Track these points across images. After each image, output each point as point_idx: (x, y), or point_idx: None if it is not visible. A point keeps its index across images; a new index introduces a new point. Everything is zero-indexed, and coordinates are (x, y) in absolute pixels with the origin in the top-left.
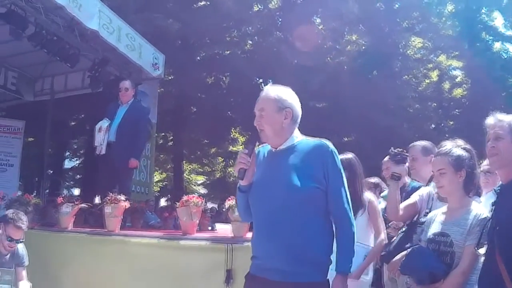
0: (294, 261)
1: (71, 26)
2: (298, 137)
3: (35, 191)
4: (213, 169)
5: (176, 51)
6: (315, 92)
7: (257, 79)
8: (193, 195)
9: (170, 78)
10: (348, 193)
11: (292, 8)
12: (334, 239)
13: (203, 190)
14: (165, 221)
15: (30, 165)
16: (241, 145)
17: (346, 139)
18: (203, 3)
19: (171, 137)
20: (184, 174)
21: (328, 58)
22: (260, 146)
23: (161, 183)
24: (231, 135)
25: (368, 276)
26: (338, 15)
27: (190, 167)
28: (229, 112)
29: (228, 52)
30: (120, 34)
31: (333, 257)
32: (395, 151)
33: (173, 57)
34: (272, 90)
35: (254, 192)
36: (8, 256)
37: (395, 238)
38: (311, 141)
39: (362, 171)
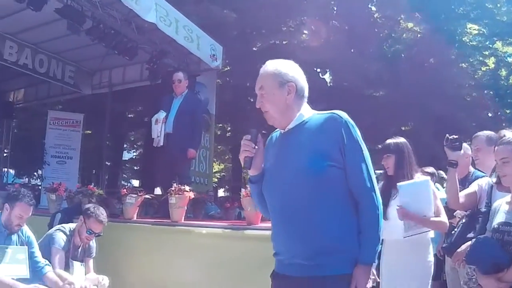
0: (314, 253)
1: (128, 19)
2: (307, 114)
3: (93, 183)
4: None
5: (232, 42)
6: (373, 81)
7: (315, 68)
8: None
9: (227, 69)
10: (371, 169)
11: None
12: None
13: None
14: (226, 211)
15: (88, 157)
16: None
17: (404, 128)
18: None
19: (229, 128)
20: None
21: (385, 47)
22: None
23: (219, 174)
24: None
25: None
26: (394, 2)
27: None
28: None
29: (284, 42)
30: (178, 26)
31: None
32: (451, 137)
33: (229, 48)
34: (271, 65)
35: (265, 182)
36: (80, 248)
37: (456, 229)
38: (323, 114)
39: (412, 154)
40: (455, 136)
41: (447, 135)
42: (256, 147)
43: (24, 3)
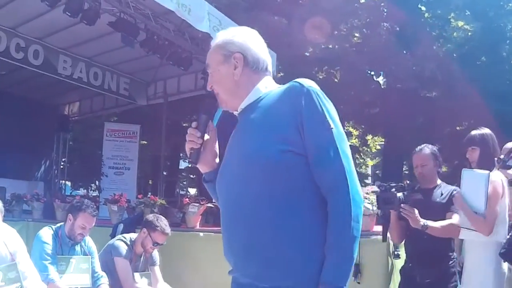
0: (263, 272)
1: (181, 30)
2: (266, 88)
3: (150, 193)
4: None
5: (284, 48)
6: (426, 82)
7: (369, 71)
8: None
9: (280, 75)
10: (346, 155)
11: None
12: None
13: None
14: None
15: (145, 167)
16: (354, 139)
17: (459, 128)
18: None
19: None
20: None
21: (435, 47)
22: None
23: None
24: (345, 129)
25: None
26: (444, 1)
27: None
28: (341, 106)
29: (336, 46)
30: None
31: None
32: (502, 158)
33: (281, 54)
34: (218, 36)
35: (217, 179)
36: (142, 258)
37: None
38: (283, 86)
39: (497, 147)
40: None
41: (499, 157)
42: (200, 137)
43: (78, 17)
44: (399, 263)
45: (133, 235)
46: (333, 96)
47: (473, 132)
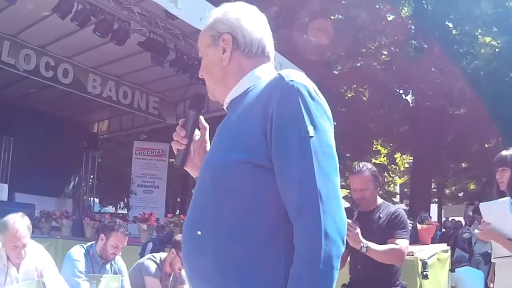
0: None
1: None
2: (259, 78)
3: (178, 211)
4: None
5: (312, 66)
6: (455, 99)
7: (397, 90)
8: None
9: None
10: (324, 172)
11: (423, 15)
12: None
13: (346, 204)
14: None
15: (173, 185)
16: (383, 157)
17: (487, 145)
18: (336, 16)
19: None
20: None
21: (463, 63)
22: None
23: None
24: (373, 148)
25: None
26: (471, 17)
27: None
28: (370, 125)
29: (365, 64)
30: None
31: None
32: None
33: (310, 73)
34: (212, 13)
35: None
36: (171, 277)
37: None
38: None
39: None
40: None
41: None
42: (186, 136)
43: (108, 37)
44: (428, 284)
45: (162, 255)
46: (362, 115)
47: (504, 153)
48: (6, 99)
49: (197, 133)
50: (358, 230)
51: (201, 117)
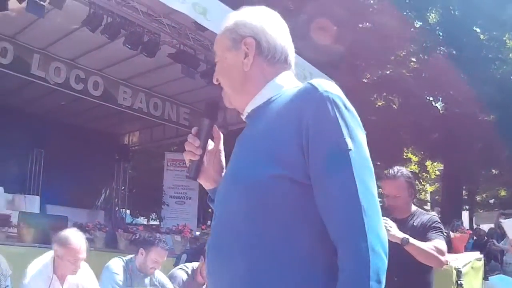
0: None
1: None
2: (281, 87)
3: (209, 221)
4: None
5: (342, 74)
6: (484, 105)
7: (426, 97)
8: None
9: None
10: (367, 187)
11: (451, 21)
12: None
13: None
14: None
15: (205, 195)
16: (414, 165)
17: None
18: (366, 24)
19: None
20: None
21: (492, 69)
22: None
23: None
24: (404, 156)
25: None
26: (499, 22)
27: None
28: (401, 132)
29: (394, 72)
30: None
31: None
32: None
33: (339, 81)
34: (229, 16)
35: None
36: (204, 287)
37: None
38: (297, 87)
39: None
40: None
41: None
42: (200, 146)
43: (138, 50)
44: None
45: (195, 264)
46: (392, 123)
47: None
48: (36, 112)
49: (210, 143)
50: (394, 225)
51: (215, 126)
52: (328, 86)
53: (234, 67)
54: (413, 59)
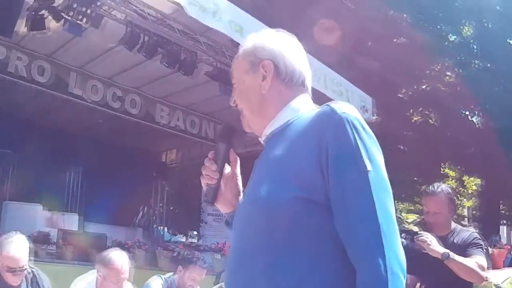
0: None
1: None
2: (298, 110)
3: None
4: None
5: (377, 90)
6: None
7: (463, 111)
8: None
9: (374, 118)
10: (385, 207)
11: (485, 34)
12: None
13: (415, 228)
14: None
15: None
16: (451, 180)
17: None
18: (400, 39)
19: None
20: (397, 214)
21: None
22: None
23: None
24: (441, 171)
25: None
26: None
27: (401, 206)
28: (438, 148)
29: (429, 87)
30: (326, 80)
31: None
32: None
33: (375, 97)
34: (247, 39)
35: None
36: None
37: None
38: (315, 110)
39: None
40: None
41: None
42: (217, 170)
43: (175, 68)
44: None
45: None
46: (429, 138)
47: None
48: (74, 130)
49: (226, 167)
50: (434, 240)
51: (232, 150)
52: (346, 109)
53: (252, 89)
54: (448, 73)
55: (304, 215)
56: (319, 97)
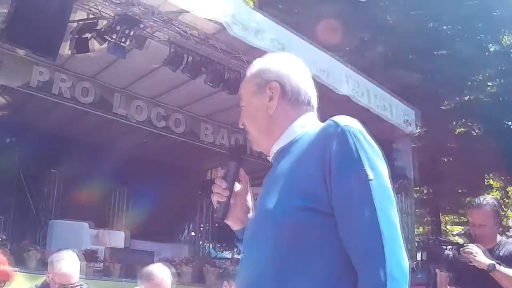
0: None
1: (320, 94)
2: (304, 127)
3: None
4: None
5: (420, 102)
6: None
7: (506, 121)
8: None
9: (418, 130)
10: (387, 215)
11: None
12: None
13: (460, 241)
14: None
15: None
16: (495, 191)
17: None
18: (442, 52)
19: (426, 191)
20: (442, 226)
21: None
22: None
23: (417, 237)
24: (485, 182)
25: None
26: None
27: (446, 218)
28: (481, 159)
29: (471, 97)
30: (370, 95)
31: None
32: None
33: (418, 110)
34: (254, 64)
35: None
36: None
37: None
38: (319, 126)
39: None
40: None
41: None
42: (227, 188)
43: (219, 87)
44: None
45: None
46: (473, 149)
47: None
48: (119, 149)
49: (236, 185)
50: (481, 252)
51: (241, 168)
52: (348, 121)
53: (260, 110)
54: (489, 83)
55: (309, 224)
56: (363, 112)
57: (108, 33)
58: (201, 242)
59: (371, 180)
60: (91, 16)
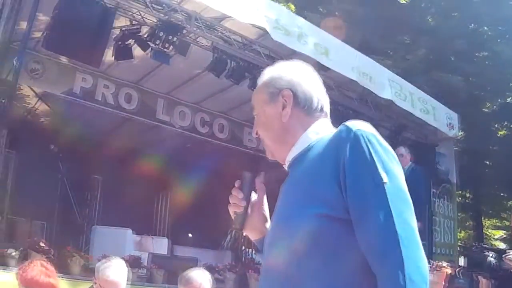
0: None
1: (363, 98)
2: (317, 134)
3: None
4: None
5: (462, 105)
6: None
7: None
8: None
9: (461, 133)
10: (403, 217)
11: None
12: None
13: (502, 245)
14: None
15: None
16: None
17: None
18: (483, 53)
19: (469, 195)
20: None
21: None
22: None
23: (460, 242)
24: None
25: None
26: None
27: (487, 222)
28: None
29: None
30: (413, 99)
31: None
32: None
33: (460, 113)
34: (265, 72)
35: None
36: None
37: None
38: (334, 131)
39: None
40: None
41: None
42: (243, 198)
43: None
44: None
45: None
46: None
47: None
48: (161, 155)
49: (253, 195)
50: None
51: (257, 178)
52: (361, 126)
53: (273, 118)
54: None
55: (327, 232)
56: (406, 116)
57: (151, 40)
58: (244, 248)
59: (386, 183)
60: (134, 22)
